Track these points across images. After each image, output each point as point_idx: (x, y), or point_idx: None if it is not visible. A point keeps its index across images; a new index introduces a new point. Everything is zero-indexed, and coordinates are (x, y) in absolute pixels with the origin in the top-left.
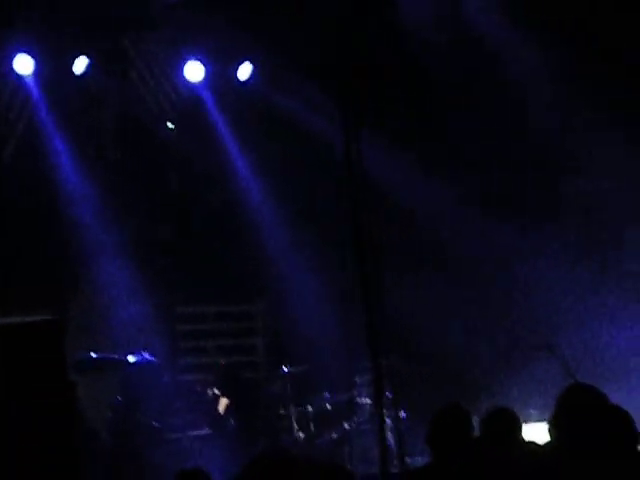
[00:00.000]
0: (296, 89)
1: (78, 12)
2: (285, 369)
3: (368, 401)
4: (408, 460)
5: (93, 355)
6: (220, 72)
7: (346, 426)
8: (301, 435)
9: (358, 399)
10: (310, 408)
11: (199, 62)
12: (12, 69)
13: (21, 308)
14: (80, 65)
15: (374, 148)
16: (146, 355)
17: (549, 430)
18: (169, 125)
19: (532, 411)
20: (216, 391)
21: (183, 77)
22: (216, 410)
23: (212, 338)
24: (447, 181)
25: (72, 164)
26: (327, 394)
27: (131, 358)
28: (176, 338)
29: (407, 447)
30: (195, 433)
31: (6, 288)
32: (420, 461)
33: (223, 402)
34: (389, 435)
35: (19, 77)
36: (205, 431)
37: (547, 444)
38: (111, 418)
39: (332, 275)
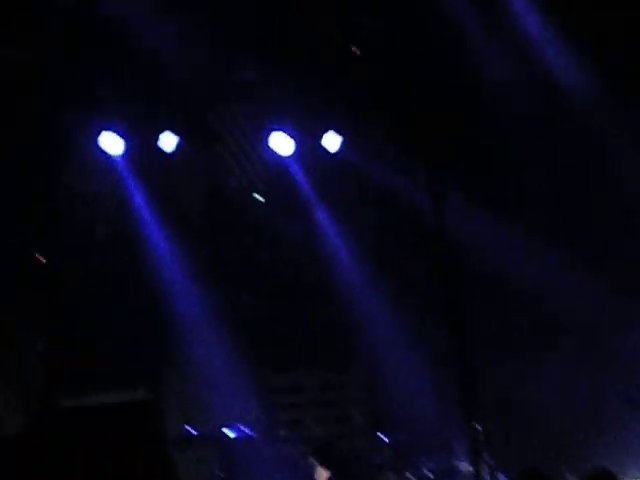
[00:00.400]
0: (382, 156)
1: (164, 90)
2: (383, 437)
3: (468, 466)
4: None
5: (192, 431)
6: (306, 142)
7: None
8: None
9: (458, 464)
10: (411, 476)
11: (284, 133)
12: (101, 149)
13: (118, 384)
14: (168, 142)
15: (465, 212)
16: (244, 429)
17: None
18: (257, 197)
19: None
20: (315, 463)
21: (269, 148)
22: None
23: (309, 409)
24: (545, 245)
25: (163, 239)
26: (427, 460)
27: (230, 433)
28: (272, 410)
29: None
30: None
31: (103, 364)
32: None
33: (323, 475)
34: None
35: (109, 156)
36: None
37: None
38: None
39: (426, 340)
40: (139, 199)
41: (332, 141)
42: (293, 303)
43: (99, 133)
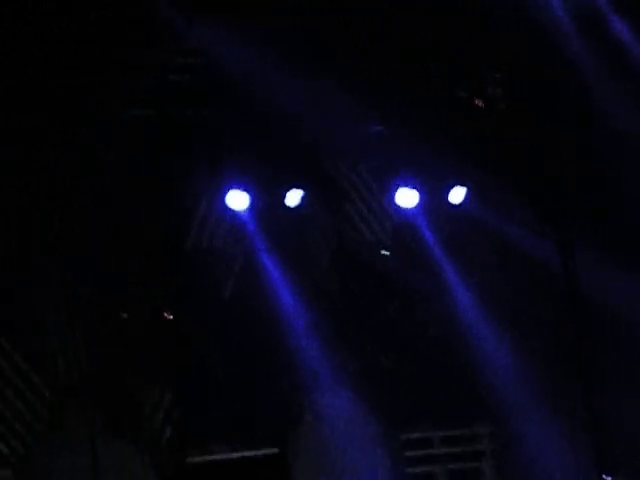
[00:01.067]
0: (508, 209)
1: (290, 148)
2: None
3: None
4: None
5: None
6: (431, 194)
7: None
8: None
9: None
10: None
11: (410, 188)
12: (226, 206)
13: (247, 441)
14: (293, 197)
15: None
16: None
17: None
18: (384, 252)
19: None
20: None
21: (395, 203)
22: None
23: (439, 463)
24: None
25: (290, 296)
26: None
27: None
28: (403, 464)
29: None
30: None
31: (230, 421)
32: None
33: None
34: None
35: (234, 213)
36: None
37: None
38: None
39: (556, 393)
40: (265, 255)
41: (457, 193)
42: (420, 357)
43: (226, 191)
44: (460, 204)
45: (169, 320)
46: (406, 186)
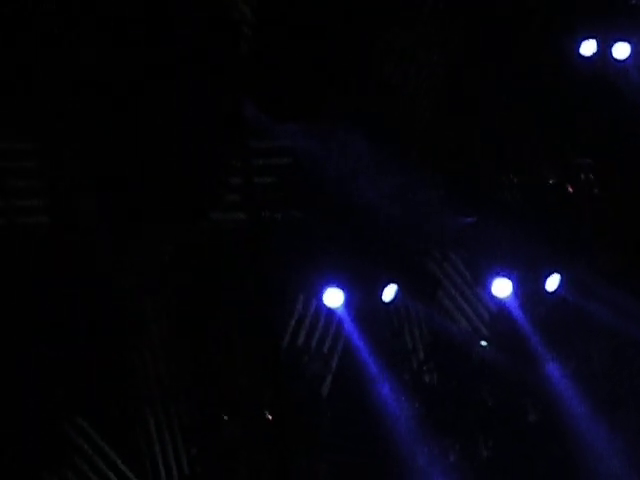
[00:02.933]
0: (606, 295)
1: (382, 242)
2: None
3: None
4: None
5: None
6: (525, 283)
7: None
8: None
9: None
10: None
11: (504, 277)
12: (322, 303)
13: None
14: (389, 292)
15: None
16: None
17: None
18: (482, 343)
19: None
20: None
21: (490, 291)
22: None
23: None
24: None
25: (390, 391)
26: None
27: None
28: None
29: None
30: None
31: None
32: None
33: None
34: None
35: (329, 310)
36: None
37: None
38: None
39: None
40: (363, 351)
41: (552, 281)
42: (519, 445)
43: (322, 290)
44: (555, 291)
45: (268, 421)
46: (500, 275)
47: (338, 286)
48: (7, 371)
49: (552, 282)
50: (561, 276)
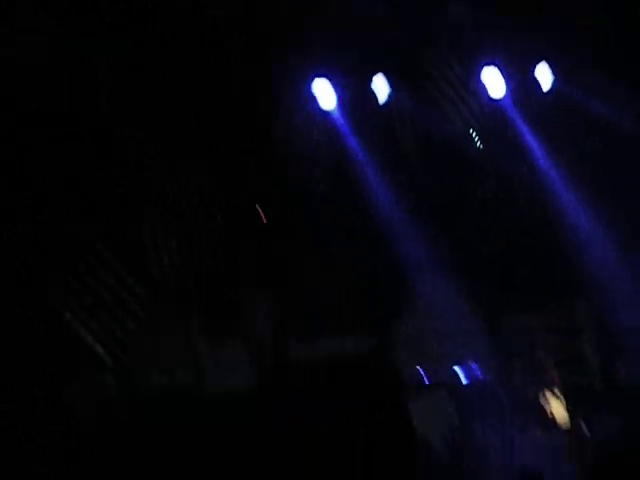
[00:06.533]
0: (600, 89)
1: (373, 35)
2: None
3: None
4: None
5: (424, 379)
6: (518, 78)
7: None
8: None
9: None
10: None
11: (496, 68)
12: (314, 102)
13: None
14: (381, 88)
15: None
16: (477, 372)
17: None
18: (475, 139)
19: None
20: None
21: (482, 87)
22: (554, 418)
23: (540, 346)
24: None
25: (384, 191)
26: None
27: (463, 378)
28: (505, 352)
29: None
30: (535, 445)
31: (329, 315)
32: None
33: (558, 408)
34: None
35: (322, 110)
36: (546, 441)
37: None
38: (446, 437)
39: None
40: (355, 149)
41: (545, 76)
42: (519, 244)
43: (310, 82)
44: (550, 89)
45: (263, 219)
46: (491, 65)
47: (328, 79)
48: None
49: (545, 77)
50: (553, 67)
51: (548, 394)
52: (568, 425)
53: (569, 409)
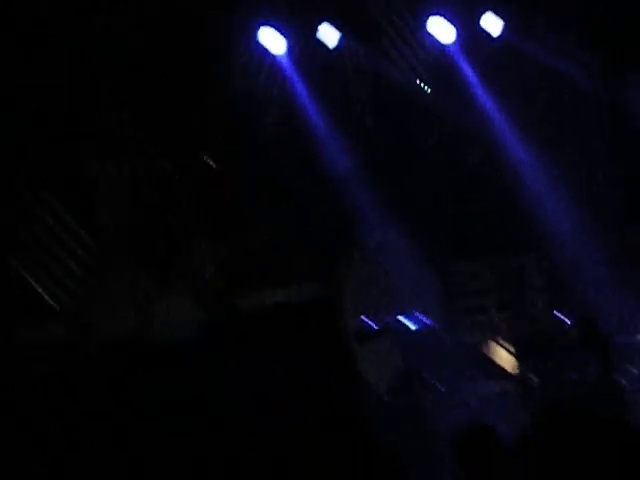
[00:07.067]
0: (547, 38)
1: None
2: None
3: None
4: None
5: (372, 324)
6: (466, 26)
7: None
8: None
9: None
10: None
11: (443, 18)
12: (263, 48)
13: (296, 277)
14: (329, 37)
15: None
16: (423, 319)
17: None
18: (423, 87)
19: None
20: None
21: (430, 36)
22: (500, 367)
23: (488, 295)
24: None
25: (332, 136)
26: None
27: (410, 324)
28: (451, 297)
29: None
30: (482, 394)
31: (279, 264)
32: None
33: (502, 355)
34: None
35: (271, 56)
36: (493, 389)
37: None
38: (393, 383)
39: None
40: (304, 97)
41: (493, 25)
42: (463, 191)
43: (257, 31)
44: (497, 36)
45: (212, 168)
46: (440, 17)
47: (276, 27)
48: None
49: (494, 25)
50: (502, 19)
51: (496, 343)
52: (516, 373)
53: (517, 357)
